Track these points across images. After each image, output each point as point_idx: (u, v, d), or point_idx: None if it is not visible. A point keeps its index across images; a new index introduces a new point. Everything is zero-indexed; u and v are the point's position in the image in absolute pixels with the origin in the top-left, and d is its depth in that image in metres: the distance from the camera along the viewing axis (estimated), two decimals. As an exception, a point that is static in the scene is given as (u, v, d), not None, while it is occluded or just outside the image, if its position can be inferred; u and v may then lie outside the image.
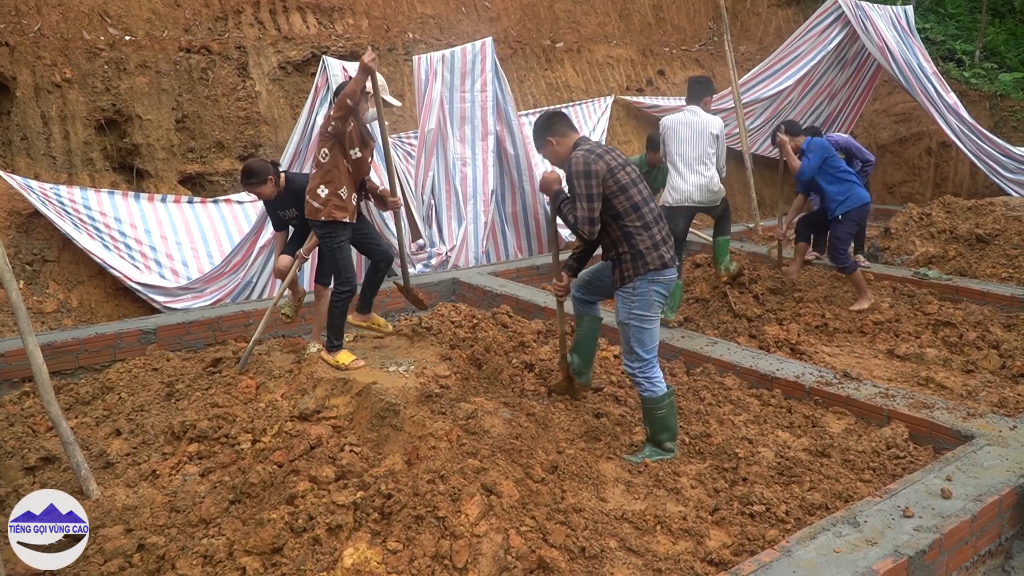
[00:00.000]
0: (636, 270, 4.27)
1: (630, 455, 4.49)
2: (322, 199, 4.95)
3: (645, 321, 4.34)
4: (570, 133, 4.46)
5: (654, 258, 4.26)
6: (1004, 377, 5.72)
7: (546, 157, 4.61)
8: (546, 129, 4.47)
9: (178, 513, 3.89)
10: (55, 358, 6.02)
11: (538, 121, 4.56)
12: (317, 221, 5.03)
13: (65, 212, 7.16)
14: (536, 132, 4.56)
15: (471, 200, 8.98)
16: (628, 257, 4.28)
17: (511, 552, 3.37)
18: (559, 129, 4.45)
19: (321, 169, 4.98)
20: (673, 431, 4.46)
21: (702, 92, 6.60)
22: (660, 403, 4.37)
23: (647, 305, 4.31)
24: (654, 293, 4.30)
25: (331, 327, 5.10)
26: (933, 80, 10.94)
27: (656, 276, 4.28)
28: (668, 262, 4.31)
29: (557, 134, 4.45)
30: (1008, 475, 3.83)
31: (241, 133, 8.59)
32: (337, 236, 5.05)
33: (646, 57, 12.55)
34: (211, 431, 4.54)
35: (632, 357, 4.41)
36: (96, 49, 7.98)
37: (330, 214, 4.96)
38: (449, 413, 4.34)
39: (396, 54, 9.90)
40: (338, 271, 5.10)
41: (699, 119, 6.44)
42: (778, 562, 3.13)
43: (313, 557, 3.36)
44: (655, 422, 4.42)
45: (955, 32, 15.37)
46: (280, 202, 5.66)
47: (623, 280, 4.33)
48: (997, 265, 8.02)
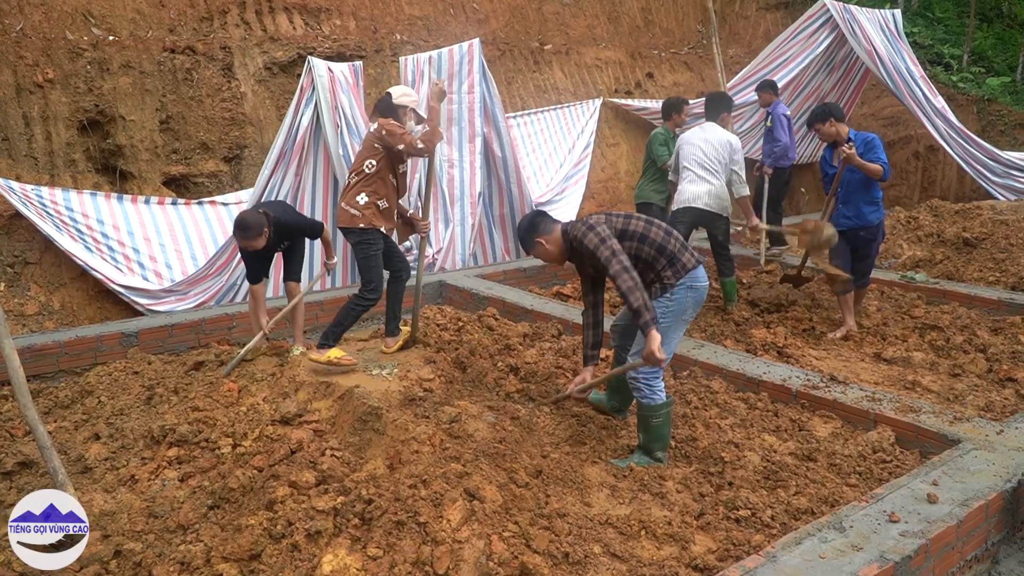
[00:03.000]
0: (677, 275, 4.29)
1: (617, 459, 4.45)
2: (360, 206, 5.08)
3: (670, 330, 4.34)
4: (554, 227, 4.44)
5: (688, 258, 4.33)
6: (991, 381, 5.71)
7: (539, 257, 4.55)
8: (532, 231, 4.43)
9: (156, 519, 3.83)
10: (35, 361, 5.94)
11: (521, 225, 4.53)
12: (354, 228, 5.11)
13: (47, 213, 7.08)
14: (523, 236, 4.49)
15: (458, 202, 8.93)
16: (667, 267, 4.30)
17: (493, 558, 3.33)
18: (543, 228, 4.43)
19: (364, 179, 5.12)
20: (666, 441, 4.41)
21: (719, 109, 7.00)
22: (658, 412, 4.32)
23: (680, 311, 4.34)
24: (690, 300, 4.34)
25: (336, 326, 5.14)
26: (921, 84, 10.97)
27: (693, 280, 4.31)
28: (700, 261, 4.40)
29: (544, 233, 4.42)
30: (995, 480, 3.80)
31: (226, 134, 8.52)
32: (375, 243, 5.17)
33: (635, 60, 12.53)
34: (191, 435, 4.48)
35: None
36: (79, 49, 7.90)
37: (370, 222, 5.10)
38: (432, 417, 4.29)
39: (383, 55, 9.85)
40: (368, 279, 5.18)
41: (715, 134, 6.75)
42: (763, 568, 3.10)
43: (292, 564, 3.30)
44: (650, 430, 4.36)
45: (943, 36, 15.44)
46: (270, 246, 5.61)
47: (664, 289, 4.32)
48: (984, 269, 8.03)
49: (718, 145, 6.70)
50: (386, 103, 5.21)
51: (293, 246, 5.92)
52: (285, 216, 5.63)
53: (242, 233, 5.36)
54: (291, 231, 5.69)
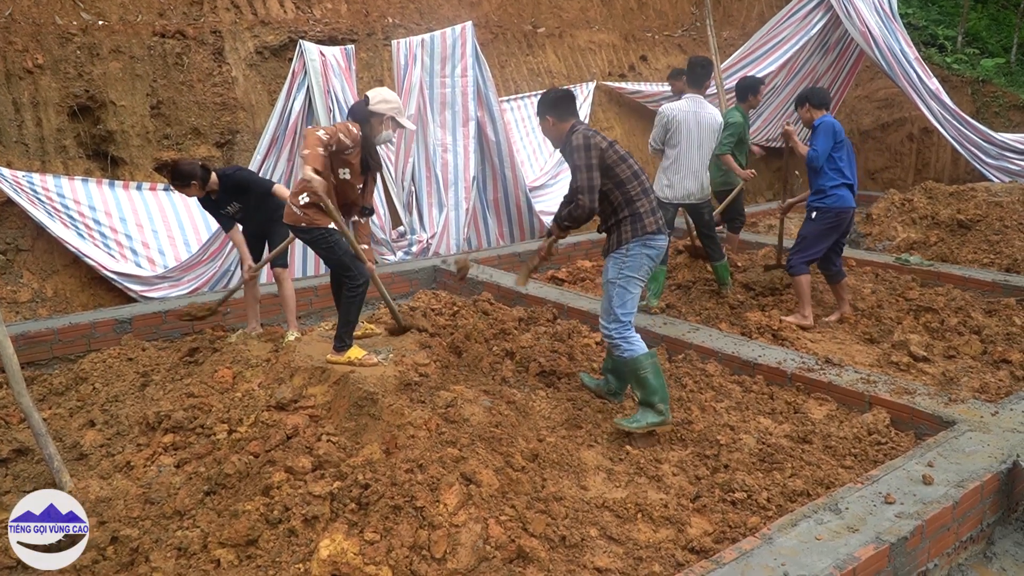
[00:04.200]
0: (634, 232, 4.51)
1: (623, 419, 4.51)
2: (301, 206, 4.63)
3: (631, 284, 4.56)
4: (569, 118, 4.62)
5: (651, 222, 4.53)
6: (985, 363, 5.72)
7: (544, 132, 4.77)
8: (551, 107, 4.63)
9: (152, 505, 3.83)
10: (29, 348, 5.92)
11: (548, 95, 4.70)
12: (299, 227, 4.70)
13: (38, 200, 7.03)
14: (540, 104, 4.72)
15: (452, 187, 8.90)
16: (628, 221, 4.52)
17: (490, 542, 3.33)
18: (561, 112, 4.61)
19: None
20: (663, 393, 4.47)
21: (704, 77, 6.41)
22: (643, 364, 4.45)
23: (637, 267, 4.55)
24: (645, 257, 4.55)
25: (344, 324, 4.78)
26: (915, 66, 10.93)
27: (650, 240, 4.53)
28: (661, 228, 4.60)
29: (557, 115, 4.61)
30: (990, 461, 3.82)
31: (218, 119, 8.46)
32: (326, 238, 4.71)
33: (628, 42, 12.47)
34: (186, 421, 4.47)
35: (610, 318, 4.58)
36: (68, 34, 7.82)
37: (312, 221, 4.64)
38: (428, 402, 4.29)
39: (375, 39, 9.78)
40: (344, 271, 4.78)
41: (707, 112, 6.33)
42: (759, 549, 3.11)
43: (289, 549, 3.30)
44: (643, 384, 4.46)
45: (937, 17, 15.40)
46: (219, 201, 5.65)
47: (619, 243, 4.55)
48: (978, 251, 8.03)
49: (711, 127, 6.31)
50: (360, 109, 4.77)
51: (274, 232, 5.84)
52: (237, 174, 5.70)
53: (174, 180, 5.40)
54: (240, 188, 5.69)
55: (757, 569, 2.99)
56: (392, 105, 4.77)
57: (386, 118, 4.76)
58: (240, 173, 5.77)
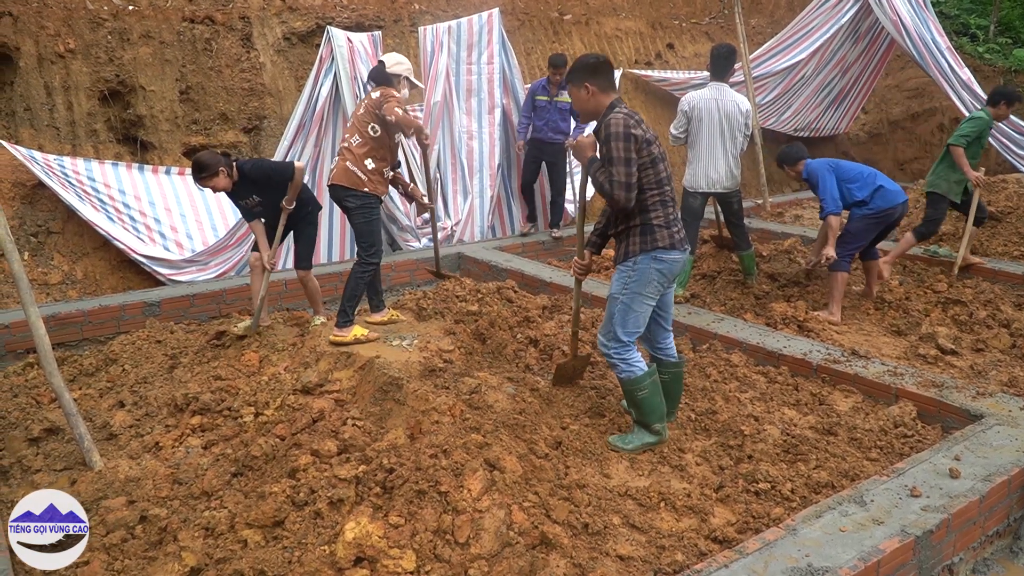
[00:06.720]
0: (644, 246, 4.03)
1: (616, 436, 4.32)
2: (368, 171, 5.09)
3: (635, 301, 4.09)
4: (610, 91, 4.09)
5: (664, 236, 4.02)
6: (1014, 356, 5.66)
7: (572, 100, 4.23)
8: (589, 74, 4.04)
9: (180, 485, 3.88)
10: (59, 329, 6.01)
11: (587, 60, 4.11)
12: (357, 192, 5.08)
13: (69, 184, 7.12)
14: (578, 70, 4.10)
15: (477, 174, 8.91)
16: (638, 231, 4.04)
17: (513, 527, 3.35)
18: (602, 82, 4.05)
19: (372, 143, 5.09)
20: (660, 412, 4.23)
21: (728, 65, 6.35)
22: (641, 384, 4.15)
23: (644, 283, 4.06)
24: (655, 272, 4.05)
25: (349, 299, 5.04)
26: (947, 55, 10.78)
27: (662, 255, 4.03)
28: (677, 243, 4.08)
29: (597, 85, 4.05)
30: (1018, 455, 3.78)
31: (245, 105, 8.52)
32: (374, 208, 5.18)
33: (655, 30, 12.38)
34: (214, 404, 4.53)
35: (609, 336, 4.18)
36: (99, 19, 7.90)
37: (374, 188, 5.12)
38: (452, 388, 4.31)
39: (402, 25, 9.79)
40: (370, 243, 5.17)
41: (732, 99, 6.25)
42: (783, 540, 3.10)
43: (314, 531, 3.34)
44: (639, 404, 4.20)
45: (970, 6, 15.17)
46: (238, 192, 5.52)
47: (627, 255, 4.10)
48: (1009, 243, 7.93)
49: (734, 114, 6.22)
50: (381, 72, 5.22)
51: (301, 231, 5.75)
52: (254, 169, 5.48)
53: (197, 173, 5.32)
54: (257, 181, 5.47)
55: (780, 560, 2.98)
56: (406, 66, 5.28)
57: (403, 78, 5.25)
58: (257, 169, 5.56)
